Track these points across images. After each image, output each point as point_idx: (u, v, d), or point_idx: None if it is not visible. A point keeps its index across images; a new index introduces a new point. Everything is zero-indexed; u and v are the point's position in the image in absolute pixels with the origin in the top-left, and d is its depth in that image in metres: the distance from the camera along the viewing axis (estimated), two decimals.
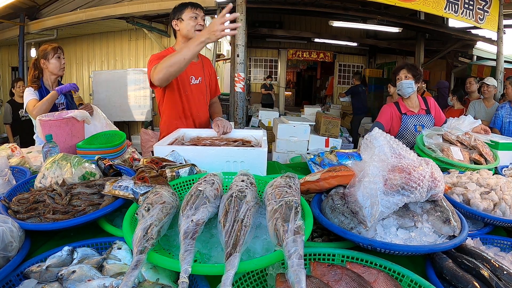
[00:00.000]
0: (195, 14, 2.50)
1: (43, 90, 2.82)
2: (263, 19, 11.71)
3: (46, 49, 2.83)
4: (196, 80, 2.69)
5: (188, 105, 2.68)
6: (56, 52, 2.83)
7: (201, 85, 2.73)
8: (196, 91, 2.70)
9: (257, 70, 14.54)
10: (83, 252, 1.17)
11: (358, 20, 9.18)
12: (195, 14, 2.50)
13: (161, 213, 1.08)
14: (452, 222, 1.19)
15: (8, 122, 5.62)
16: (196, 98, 2.72)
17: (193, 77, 2.67)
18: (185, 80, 2.62)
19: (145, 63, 8.94)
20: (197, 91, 2.71)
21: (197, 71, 2.70)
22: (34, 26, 7.34)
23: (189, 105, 2.68)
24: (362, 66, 14.68)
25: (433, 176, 1.24)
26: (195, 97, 2.71)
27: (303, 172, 2.19)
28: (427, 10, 6.16)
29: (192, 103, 2.70)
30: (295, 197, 1.11)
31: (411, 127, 3.00)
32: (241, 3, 5.12)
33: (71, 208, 1.34)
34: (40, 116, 2.28)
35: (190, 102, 2.68)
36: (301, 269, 0.85)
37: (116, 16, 7.04)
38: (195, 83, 2.69)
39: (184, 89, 2.63)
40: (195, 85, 2.69)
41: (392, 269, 1.05)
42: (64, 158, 1.66)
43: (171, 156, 1.89)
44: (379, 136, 1.40)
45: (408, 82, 2.95)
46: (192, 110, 2.71)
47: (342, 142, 6.28)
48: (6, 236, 1.10)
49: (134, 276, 0.88)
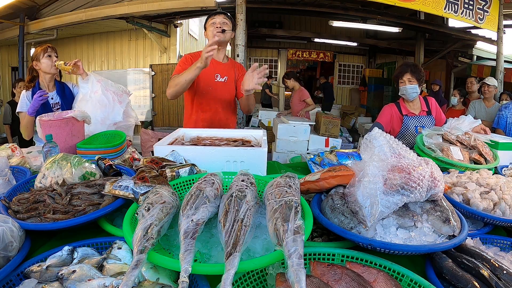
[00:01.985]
0: (213, 21, 2.77)
1: (36, 90, 2.81)
2: (263, 19, 11.71)
3: (36, 51, 2.85)
4: (221, 78, 2.90)
5: (209, 100, 2.89)
6: (46, 52, 2.83)
7: (226, 84, 2.93)
8: (220, 88, 2.90)
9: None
10: (83, 252, 1.17)
11: (358, 20, 9.19)
12: (213, 21, 2.77)
13: (161, 213, 1.08)
14: (451, 221, 1.19)
15: (8, 122, 5.61)
16: (219, 95, 2.90)
17: (219, 75, 2.89)
18: (208, 78, 2.85)
19: (145, 63, 8.96)
20: (221, 88, 2.91)
21: (223, 71, 2.91)
22: (34, 26, 7.33)
23: (210, 100, 2.89)
24: (362, 66, 14.70)
25: (432, 176, 1.24)
26: (217, 93, 2.90)
27: (303, 172, 2.19)
28: (427, 10, 6.16)
29: (215, 99, 2.90)
30: (295, 197, 1.11)
31: (412, 128, 2.99)
32: (241, 3, 5.12)
33: (71, 208, 1.35)
34: (40, 116, 2.28)
35: (214, 98, 2.89)
36: (301, 269, 0.85)
37: (116, 16, 7.03)
38: (220, 80, 2.90)
39: (205, 85, 2.86)
40: (220, 82, 2.90)
41: (392, 269, 1.05)
42: (64, 158, 1.66)
43: (171, 156, 1.89)
44: (379, 136, 1.40)
45: (412, 87, 2.92)
46: (212, 106, 2.91)
47: (342, 142, 6.27)
48: (6, 236, 1.11)
49: (134, 275, 0.88)
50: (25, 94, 2.83)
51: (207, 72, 2.76)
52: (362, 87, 14.08)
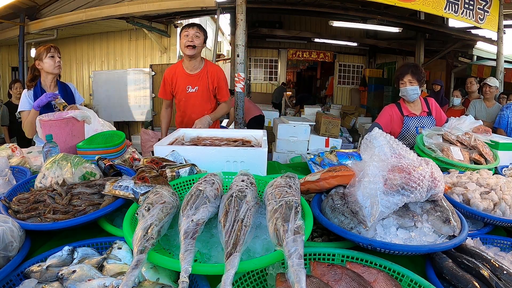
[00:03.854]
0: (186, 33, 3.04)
1: (38, 90, 2.82)
2: (263, 19, 11.71)
3: (39, 51, 2.84)
4: (192, 89, 3.21)
5: (185, 109, 3.26)
6: (49, 51, 2.82)
7: (197, 93, 3.21)
8: (192, 98, 3.22)
9: (257, 70, 14.54)
10: (84, 252, 1.17)
11: (358, 20, 9.17)
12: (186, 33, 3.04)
13: (161, 213, 1.08)
14: (452, 222, 1.19)
15: (5, 124, 5.57)
16: (191, 104, 3.23)
17: (190, 87, 3.21)
18: (181, 90, 3.21)
19: (145, 63, 8.96)
20: (193, 98, 3.22)
21: (194, 81, 3.20)
22: (34, 26, 7.33)
23: (185, 109, 3.25)
24: (362, 66, 14.68)
25: (433, 176, 1.24)
26: (189, 103, 3.23)
27: (303, 172, 2.19)
28: (427, 10, 6.14)
29: (188, 108, 3.24)
30: (295, 197, 1.11)
31: (412, 129, 2.99)
32: (241, 3, 5.11)
33: (71, 208, 1.35)
34: (40, 116, 2.28)
35: (187, 107, 3.25)
36: (301, 269, 0.85)
37: (116, 16, 7.03)
38: (191, 91, 3.21)
39: (180, 97, 3.24)
40: (191, 93, 3.21)
41: (392, 269, 1.05)
42: (64, 158, 1.66)
43: (171, 156, 1.89)
44: (379, 136, 1.40)
45: (413, 88, 2.92)
46: (187, 113, 3.25)
47: (342, 142, 6.27)
48: (6, 236, 1.11)
49: (134, 275, 0.88)
50: (27, 93, 2.82)
51: (180, 85, 3.19)
52: (362, 87, 14.06)
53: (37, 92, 2.80)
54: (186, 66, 3.20)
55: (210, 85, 3.21)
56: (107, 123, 2.66)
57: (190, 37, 3.00)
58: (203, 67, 3.22)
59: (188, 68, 3.19)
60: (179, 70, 3.22)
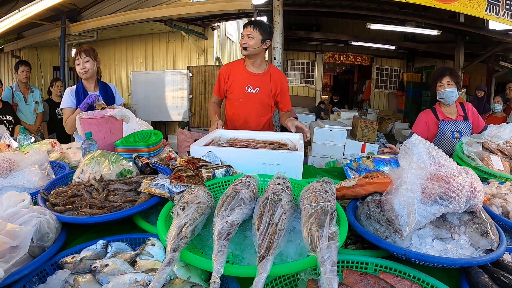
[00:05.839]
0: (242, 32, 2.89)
1: (80, 89, 2.89)
2: (299, 21, 11.60)
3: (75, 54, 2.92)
4: (252, 90, 3.00)
5: (240, 110, 3.03)
6: (76, 57, 2.87)
7: (257, 95, 3.01)
8: (252, 100, 3.01)
9: (294, 73, 14.41)
10: (117, 247, 1.20)
11: (396, 22, 8.96)
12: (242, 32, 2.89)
13: (196, 212, 1.09)
14: (490, 235, 1.13)
15: (45, 120, 5.76)
16: (249, 106, 3.01)
17: (250, 87, 2.99)
18: (239, 88, 3.00)
19: (183, 65, 9.11)
20: (252, 100, 3.01)
21: (255, 82, 3.00)
22: (75, 28, 7.58)
23: (241, 111, 3.03)
24: (400, 70, 14.30)
25: (472, 186, 1.19)
26: (248, 104, 3.01)
27: (339, 177, 2.15)
28: (467, 12, 5.91)
29: (246, 109, 3.02)
30: (330, 203, 1.09)
31: (448, 134, 2.91)
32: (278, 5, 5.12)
33: (107, 203, 1.39)
34: (80, 114, 2.36)
35: (244, 108, 3.02)
36: (334, 276, 0.83)
37: (154, 19, 7.18)
38: (251, 92, 3.00)
39: (236, 96, 3.02)
40: (251, 94, 3.00)
41: (425, 281, 1.01)
42: (102, 155, 1.71)
43: (207, 157, 1.90)
44: (418, 143, 1.36)
45: (452, 90, 2.86)
46: (242, 115, 3.03)
47: (378, 148, 6.15)
48: (43, 227, 1.16)
49: (166, 273, 0.89)
50: (69, 91, 2.90)
51: (239, 83, 2.98)
52: (400, 92, 13.68)
53: (79, 91, 2.89)
54: (247, 64, 3.03)
55: (273, 89, 3.04)
56: (144, 122, 2.71)
57: (244, 38, 2.86)
58: (267, 69, 3.05)
59: (250, 67, 3.01)
60: (239, 67, 3.03)
